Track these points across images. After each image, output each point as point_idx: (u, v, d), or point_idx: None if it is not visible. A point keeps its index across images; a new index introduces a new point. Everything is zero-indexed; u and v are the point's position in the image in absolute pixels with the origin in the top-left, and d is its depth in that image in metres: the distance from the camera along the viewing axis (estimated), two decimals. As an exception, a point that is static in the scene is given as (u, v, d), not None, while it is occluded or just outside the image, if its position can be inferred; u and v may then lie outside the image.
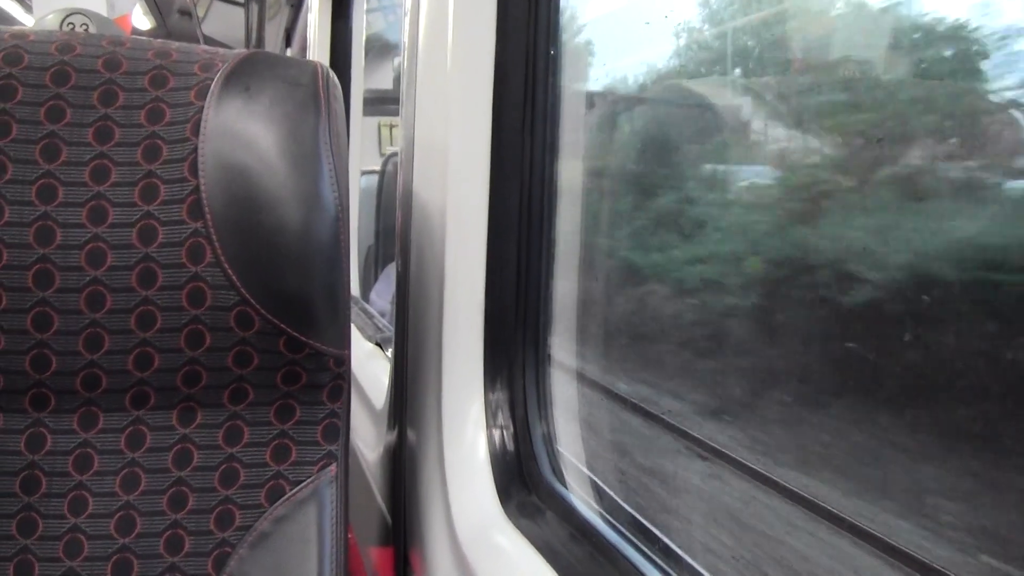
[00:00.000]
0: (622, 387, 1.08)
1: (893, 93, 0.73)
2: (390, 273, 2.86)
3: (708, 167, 0.94)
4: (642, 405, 1.05)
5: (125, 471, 0.94)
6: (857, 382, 0.73)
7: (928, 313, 0.66)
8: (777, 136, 0.85)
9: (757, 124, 0.88)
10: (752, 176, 0.87)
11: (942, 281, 0.65)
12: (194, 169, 0.90)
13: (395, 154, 3.38)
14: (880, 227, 0.70)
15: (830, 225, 0.75)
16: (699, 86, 0.95)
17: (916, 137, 0.69)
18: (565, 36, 1.08)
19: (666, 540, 0.90)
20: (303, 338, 0.93)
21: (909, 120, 0.70)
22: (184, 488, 0.94)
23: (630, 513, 0.97)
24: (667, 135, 1.02)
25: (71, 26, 1.42)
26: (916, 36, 0.72)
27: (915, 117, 0.70)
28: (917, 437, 0.70)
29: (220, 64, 0.95)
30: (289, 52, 4.33)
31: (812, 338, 0.78)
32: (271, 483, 0.96)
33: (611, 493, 1.03)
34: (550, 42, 1.07)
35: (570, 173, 1.09)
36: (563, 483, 1.06)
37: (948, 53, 0.68)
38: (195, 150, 0.90)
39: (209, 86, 0.93)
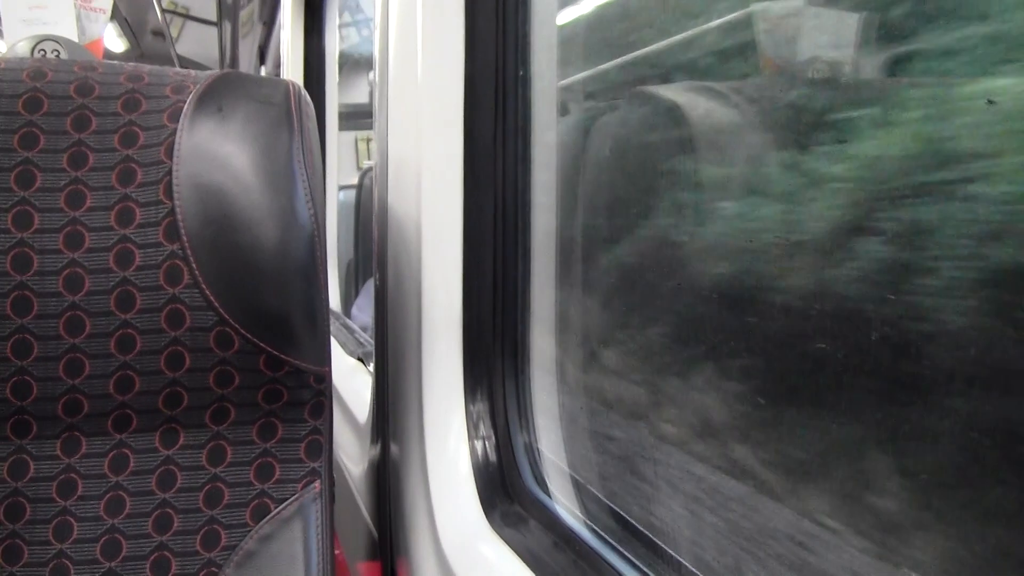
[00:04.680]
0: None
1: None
2: (371, 286, 2.86)
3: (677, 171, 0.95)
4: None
5: (109, 495, 0.94)
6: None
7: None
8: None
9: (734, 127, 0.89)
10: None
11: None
12: (169, 191, 0.90)
13: (371, 168, 3.38)
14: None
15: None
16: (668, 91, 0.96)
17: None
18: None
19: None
20: (283, 356, 0.94)
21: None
22: (169, 510, 0.95)
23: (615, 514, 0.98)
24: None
25: (42, 53, 1.42)
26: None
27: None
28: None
29: (192, 86, 0.95)
30: (263, 70, 4.33)
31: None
32: (256, 502, 0.96)
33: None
34: (519, 53, 1.08)
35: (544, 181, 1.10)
36: (546, 492, 1.07)
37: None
38: (169, 172, 0.91)
39: (182, 108, 0.93)
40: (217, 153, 0.92)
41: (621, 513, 0.97)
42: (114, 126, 0.92)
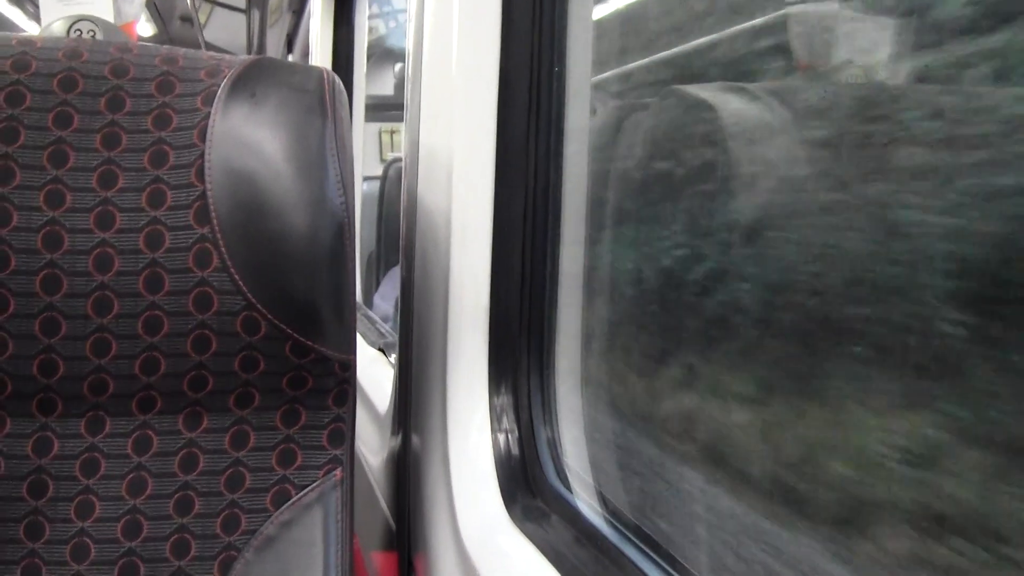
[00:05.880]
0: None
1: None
2: (393, 276, 2.87)
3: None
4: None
5: (132, 475, 0.94)
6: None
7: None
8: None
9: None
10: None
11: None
12: (201, 175, 0.90)
13: (396, 160, 3.39)
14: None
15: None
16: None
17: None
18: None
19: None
20: (309, 343, 0.94)
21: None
22: (190, 492, 0.95)
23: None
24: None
25: (78, 32, 1.43)
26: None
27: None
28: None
29: (226, 70, 0.95)
30: (291, 58, 4.34)
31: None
32: (277, 487, 0.97)
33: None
34: (555, 48, 1.07)
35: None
36: (568, 487, 1.06)
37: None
38: (202, 156, 0.91)
39: (215, 92, 0.93)
40: (250, 138, 0.92)
41: (636, 521, 0.96)
42: (148, 108, 0.93)
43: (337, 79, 0.99)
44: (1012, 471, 0.58)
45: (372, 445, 1.51)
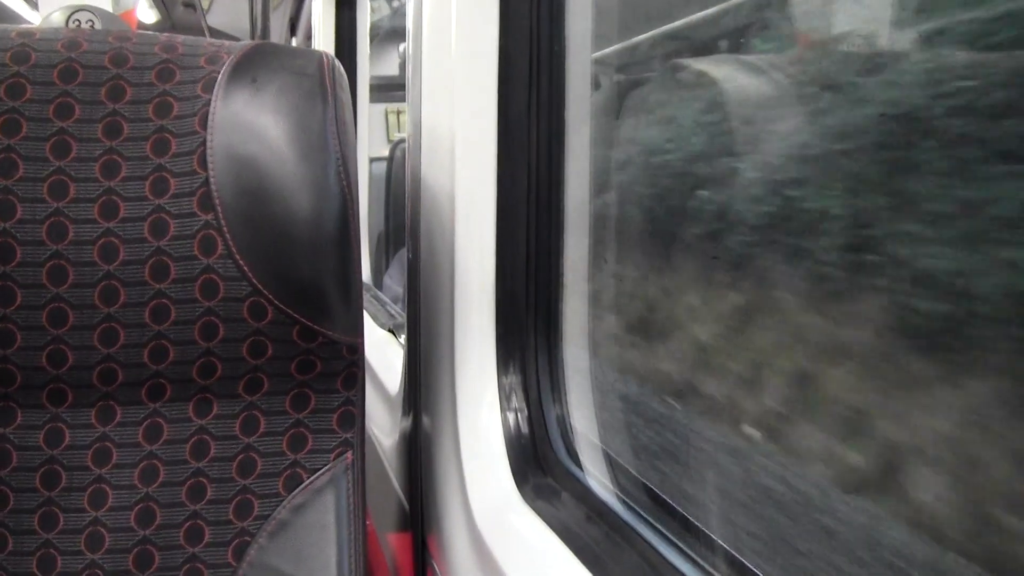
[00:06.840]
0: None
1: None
2: (403, 256, 2.87)
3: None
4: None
5: (143, 464, 0.95)
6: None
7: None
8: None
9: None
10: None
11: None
12: (203, 162, 0.90)
13: (403, 140, 3.38)
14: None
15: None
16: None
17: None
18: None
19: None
20: (316, 327, 0.94)
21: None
22: (202, 479, 0.95)
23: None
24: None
25: (77, 23, 1.43)
26: None
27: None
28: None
29: (226, 56, 0.95)
30: (294, 42, 4.33)
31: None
32: (288, 472, 0.97)
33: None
34: (553, 25, 1.07)
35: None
36: (578, 464, 1.07)
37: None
38: (203, 143, 0.91)
39: (216, 79, 0.93)
40: (251, 124, 0.92)
41: (652, 487, 0.96)
42: (148, 96, 0.93)
43: (337, 62, 0.99)
44: None
45: (384, 426, 1.51)
